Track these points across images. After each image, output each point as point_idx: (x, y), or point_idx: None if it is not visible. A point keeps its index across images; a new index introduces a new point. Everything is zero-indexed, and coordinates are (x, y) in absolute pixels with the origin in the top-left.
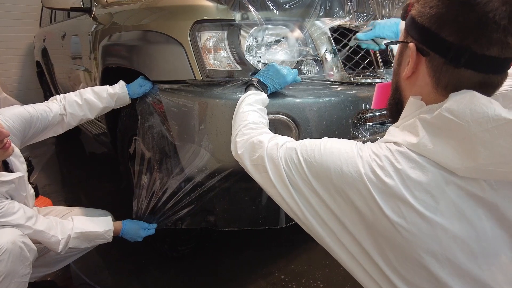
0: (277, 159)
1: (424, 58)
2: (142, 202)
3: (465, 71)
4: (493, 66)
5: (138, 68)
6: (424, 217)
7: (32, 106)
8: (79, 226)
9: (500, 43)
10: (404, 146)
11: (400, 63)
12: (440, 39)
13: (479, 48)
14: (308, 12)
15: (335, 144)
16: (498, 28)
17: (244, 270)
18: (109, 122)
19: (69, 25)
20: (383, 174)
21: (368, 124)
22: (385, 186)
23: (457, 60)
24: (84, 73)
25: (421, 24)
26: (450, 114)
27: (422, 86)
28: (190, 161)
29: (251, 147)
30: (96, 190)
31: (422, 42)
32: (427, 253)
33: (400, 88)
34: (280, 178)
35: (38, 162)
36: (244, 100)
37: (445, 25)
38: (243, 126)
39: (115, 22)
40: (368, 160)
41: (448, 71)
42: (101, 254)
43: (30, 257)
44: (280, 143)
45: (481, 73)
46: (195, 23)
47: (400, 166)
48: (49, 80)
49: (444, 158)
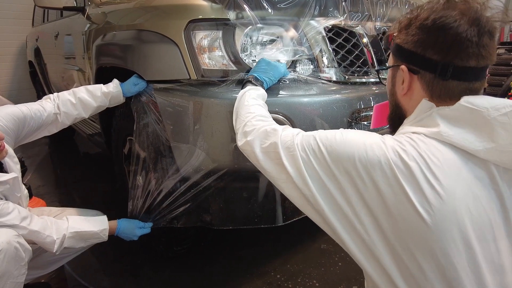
0: (293, 146)
1: (416, 76)
2: (138, 201)
3: (452, 82)
4: (474, 74)
5: (132, 68)
6: (444, 198)
7: (26, 105)
8: (74, 226)
9: (475, 55)
10: (423, 135)
11: (395, 84)
12: (426, 59)
13: (460, 61)
14: (302, 11)
15: (356, 132)
16: (471, 44)
17: (240, 269)
18: (103, 122)
19: (62, 25)
20: (407, 157)
21: (363, 123)
22: (408, 169)
23: (444, 74)
24: (78, 73)
25: (408, 49)
26: (470, 104)
27: (418, 99)
28: (185, 161)
29: (264, 135)
30: (91, 190)
31: (411, 63)
32: (444, 240)
33: (400, 105)
34: (295, 165)
35: (32, 163)
36: (246, 94)
37: (428, 48)
38: (252, 117)
39: (109, 22)
40: (392, 145)
41: (438, 84)
42: (96, 254)
43: (25, 257)
44: (295, 132)
45: (466, 82)
46: (190, 23)
47: (422, 151)
48: (42, 80)
49: (465, 142)
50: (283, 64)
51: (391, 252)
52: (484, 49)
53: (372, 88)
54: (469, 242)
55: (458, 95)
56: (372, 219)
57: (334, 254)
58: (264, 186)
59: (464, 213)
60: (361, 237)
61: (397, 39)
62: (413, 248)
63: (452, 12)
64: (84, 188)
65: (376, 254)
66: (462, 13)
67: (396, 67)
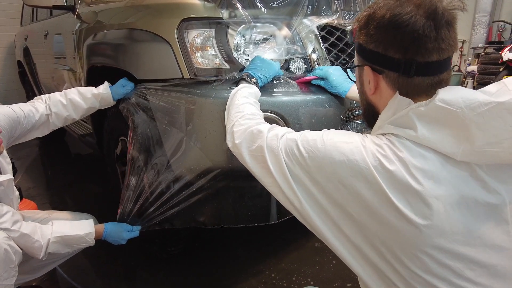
0: (277, 150)
1: (381, 76)
2: (127, 204)
3: (417, 78)
4: (438, 68)
5: (124, 67)
6: (427, 203)
7: (18, 105)
8: (58, 230)
9: (436, 50)
10: (403, 137)
11: (363, 83)
12: (388, 58)
13: (421, 58)
14: (295, 10)
15: (336, 135)
16: (430, 40)
17: (235, 269)
18: (95, 122)
19: (52, 24)
20: (387, 162)
21: (356, 122)
22: (390, 174)
23: (408, 71)
24: (69, 72)
25: (370, 49)
26: (444, 103)
27: (387, 97)
28: (178, 161)
29: (250, 137)
30: (82, 192)
31: (375, 63)
32: (431, 245)
33: (371, 103)
34: (280, 169)
35: (22, 164)
36: (238, 93)
37: (388, 47)
38: (240, 117)
39: (99, 21)
40: (372, 149)
41: (404, 81)
42: (88, 256)
43: (15, 259)
44: (280, 134)
45: (431, 76)
46: (182, 21)
47: (403, 155)
48: (32, 80)
49: (443, 145)
50: (277, 62)
51: (378, 255)
52: (443, 42)
53: None
54: (457, 246)
55: (425, 90)
56: (356, 224)
57: (329, 252)
58: (258, 185)
59: (451, 214)
60: (348, 240)
61: (359, 38)
62: (398, 251)
63: (406, 7)
64: (75, 189)
65: (364, 255)
66: (417, 7)
67: (361, 67)
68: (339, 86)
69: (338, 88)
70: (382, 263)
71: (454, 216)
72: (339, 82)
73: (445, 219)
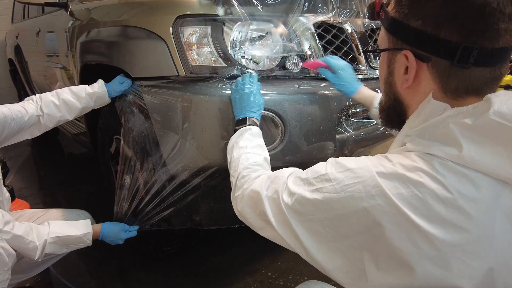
0: (287, 217)
1: (425, 64)
2: (123, 204)
3: (475, 70)
4: (502, 57)
5: (118, 65)
6: (480, 239)
7: (6, 106)
8: (55, 231)
9: (508, 32)
10: (444, 159)
11: (393, 72)
12: (441, 41)
13: (488, 42)
14: (291, 7)
15: (349, 179)
16: (503, 17)
17: (231, 268)
18: (89, 121)
19: (44, 21)
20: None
21: (352, 120)
22: (433, 213)
23: (466, 60)
24: (61, 71)
25: (413, 27)
26: (502, 118)
27: (426, 93)
28: (174, 160)
29: (251, 202)
30: (76, 192)
31: (419, 48)
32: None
33: (400, 99)
34: (291, 232)
35: (13, 164)
36: (234, 145)
37: (443, 25)
38: (236, 178)
39: (93, 18)
40: (402, 192)
41: (457, 74)
42: (82, 257)
43: (9, 262)
44: (280, 189)
45: (490, 68)
46: (178, 18)
47: (450, 191)
48: (24, 78)
49: (496, 168)
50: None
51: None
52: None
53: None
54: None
55: (478, 87)
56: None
57: None
58: None
59: (507, 252)
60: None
61: (395, 12)
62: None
63: None
64: (69, 189)
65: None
66: None
67: (395, 51)
68: (349, 85)
69: (347, 86)
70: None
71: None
72: (349, 80)
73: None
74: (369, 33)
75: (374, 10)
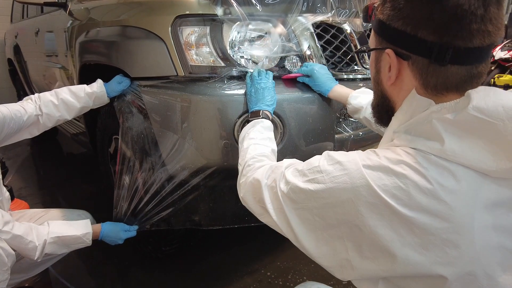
0: (281, 204)
1: (406, 62)
2: (123, 204)
3: (451, 67)
4: (478, 56)
5: (117, 65)
6: (460, 231)
7: (5, 106)
8: (55, 231)
9: (481, 32)
10: (427, 153)
11: (379, 70)
12: (419, 41)
13: (461, 42)
14: (290, 7)
15: (337, 171)
16: (475, 18)
17: (230, 268)
18: (88, 121)
19: (43, 21)
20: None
21: (350, 120)
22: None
23: (442, 58)
24: (60, 70)
25: (395, 28)
26: (481, 113)
27: (409, 89)
28: (173, 160)
29: (252, 189)
30: (75, 192)
31: (400, 46)
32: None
33: (387, 96)
34: (288, 223)
35: (13, 164)
36: (245, 136)
37: (420, 26)
38: (243, 166)
39: (92, 18)
40: (386, 183)
41: (435, 71)
42: (82, 257)
43: (8, 262)
44: (278, 178)
45: (467, 66)
46: (177, 18)
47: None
48: (23, 78)
49: (476, 161)
50: (269, 78)
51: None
52: (491, 24)
53: (360, 84)
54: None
55: (458, 85)
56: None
57: None
58: None
59: (487, 245)
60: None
61: (380, 14)
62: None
63: None
64: (68, 189)
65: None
66: None
67: (380, 50)
68: (322, 84)
69: (321, 86)
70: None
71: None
72: (323, 80)
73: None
74: (368, 33)
75: (367, 13)
